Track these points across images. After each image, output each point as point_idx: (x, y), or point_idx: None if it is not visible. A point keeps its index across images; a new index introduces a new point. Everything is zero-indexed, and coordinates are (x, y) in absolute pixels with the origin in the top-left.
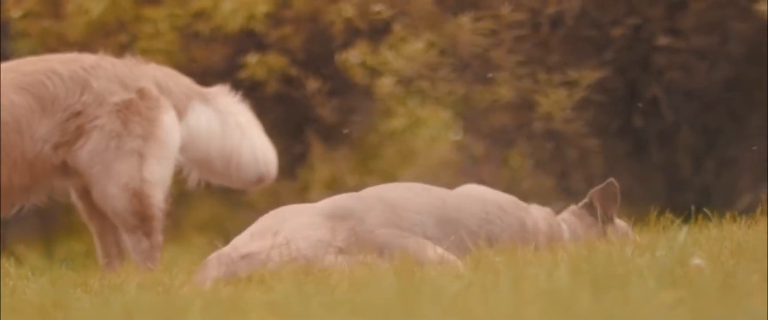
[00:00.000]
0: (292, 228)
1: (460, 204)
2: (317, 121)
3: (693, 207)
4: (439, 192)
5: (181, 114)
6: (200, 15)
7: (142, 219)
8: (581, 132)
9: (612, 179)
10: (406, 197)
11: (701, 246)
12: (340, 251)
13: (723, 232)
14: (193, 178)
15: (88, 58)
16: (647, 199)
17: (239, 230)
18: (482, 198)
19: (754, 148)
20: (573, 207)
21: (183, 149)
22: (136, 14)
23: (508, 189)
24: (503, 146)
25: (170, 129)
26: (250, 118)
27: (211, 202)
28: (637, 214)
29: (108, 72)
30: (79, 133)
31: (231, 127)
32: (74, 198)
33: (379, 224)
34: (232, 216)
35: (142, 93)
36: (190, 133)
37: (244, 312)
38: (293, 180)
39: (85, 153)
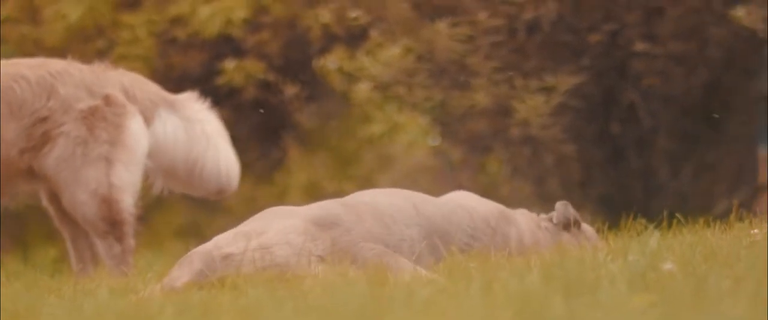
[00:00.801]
0: (277, 232)
1: (449, 217)
2: (295, 127)
3: (665, 213)
4: (430, 203)
5: (147, 120)
6: (178, 21)
7: (112, 224)
8: (558, 138)
9: (561, 202)
10: (397, 208)
11: (674, 251)
12: (321, 260)
13: (697, 237)
14: (157, 186)
15: (55, 64)
16: (624, 205)
17: (216, 235)
18: (470, 211)
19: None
20: (543, 216)
21: (148, 156)
22: (113, 20)
23: (485, 194)
24: (480, 152)
25: (137, 135)
26: (218, 127)
27: (188, 208)
28: (614, 220)
29: (75, 78)
30: (46, 138)
31: (197, 136)
32: (45, 202)
33: (365, 237)
34: (209, 222)
35: (108, 99)
36: (155, 141)
37: (216, 316)
38: (271, 185)
39: (51, 159)
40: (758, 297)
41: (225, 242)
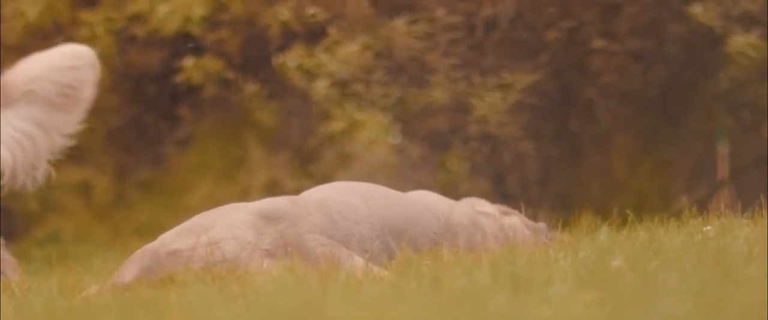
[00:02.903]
0: (223, 227)
1: (411, 218)
2: (255, 125)
3: (616, 209)
4: (390, 201)
5: None
6: (136, 18)
7: None
8: (516, 135)
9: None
10: (347, 204)
11: (625, 248)
12: (267, 254)
13: (649, 234)
14: None
15: None
16: (582, 202)
17: None
18: (438, 215)
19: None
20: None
21: None
22: (72, 18)
23: (444, 192)
24: (440, 149)
25: None
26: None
27: (150, 206)
28: (571, 217)
29: None
30: None
31: None
32: None
33: (311, 230)
34: (172, 220)
35: None
36: None
37: (164, 314)
38: (232, 183)
39: None
40: (704, 292)
41: (171, 238)
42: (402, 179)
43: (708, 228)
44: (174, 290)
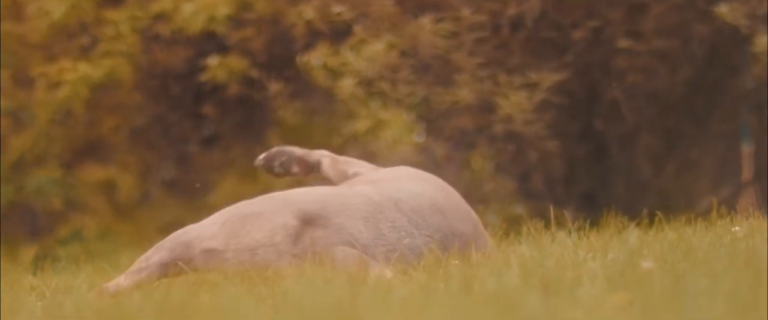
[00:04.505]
0: (264, 233)
1: (471, 233)
2: (279, 123)
3: (646, 211)
4: (460, 213)
5: None
6: (161, 17)
7: None
8: (542, 134)
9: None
10: (409, 214)
11: (654, 249)
12: (295, 257)
13: (678, 235)
14: None
15: None
16: (607, 202)
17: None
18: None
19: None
20: None
21: None
22: (97, 16)
23: (469, 191)
24: (464, 148)
25: None
26: None
27: (174, 205)
28: (596, 217)
29: None
30: None
31: None
32: None
33: (345, 242)
34: (195, 219)
35: None
36: None
37: (195, 315)
38: (255, 182)
39: None
40: (735, 295)
41: (209, 234)
42: None
43: (736, 228)
44: (204, 290)
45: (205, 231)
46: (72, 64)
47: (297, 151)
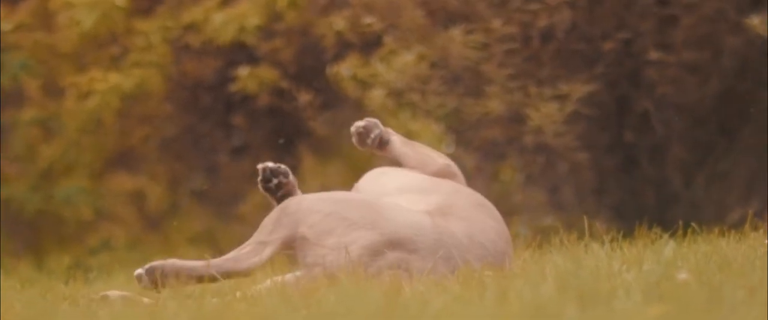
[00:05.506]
0: (357, 248)
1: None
2: (309, 134)
3: (681, 222)
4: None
5: None
6: (192, 27)
7: None
8: (572, 146)
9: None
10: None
11: (688, 260)
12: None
13: (711, 247)
14: None
15: None
16: (638, 213)
17: (231, 243)
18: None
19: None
20: None
21: None
22: (127, 26)
23: (498, 202)
24: (494, 159)
25: None
26: None
27: (203, 215)
28: (627, 228)
29: None
30: None
31: None
32: None
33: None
34: (224, 229)
35: None
36: None
37: None
38: None
39: None
40: None
41: (319, 230)
42: None
43: None
44: (240, 301)
45: (317, 224)
46: (102, 74)
47: (381, 126)
